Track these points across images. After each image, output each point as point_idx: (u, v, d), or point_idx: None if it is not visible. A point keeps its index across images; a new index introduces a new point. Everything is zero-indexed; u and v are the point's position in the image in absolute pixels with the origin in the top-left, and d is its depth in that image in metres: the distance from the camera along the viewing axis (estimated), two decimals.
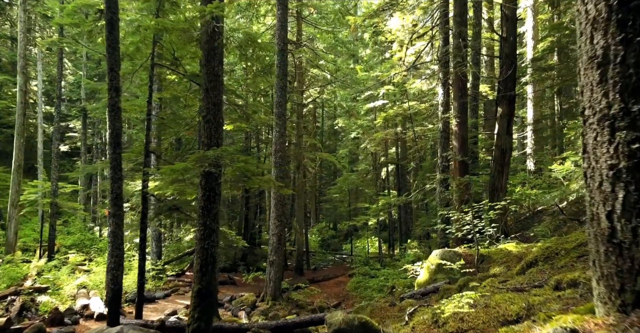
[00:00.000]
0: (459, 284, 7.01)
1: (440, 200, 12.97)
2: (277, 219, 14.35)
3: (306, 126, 29.05)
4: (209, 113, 7.04)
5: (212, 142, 6.93)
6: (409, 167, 24.94)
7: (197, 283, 6.69)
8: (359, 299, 16.06)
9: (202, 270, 6.75)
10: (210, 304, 6.72)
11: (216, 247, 6.94)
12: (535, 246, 8.11)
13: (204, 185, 6.92)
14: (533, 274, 4.97)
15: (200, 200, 6.95)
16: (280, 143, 14.52)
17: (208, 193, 6.92)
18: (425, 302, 7.31)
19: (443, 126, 13.45)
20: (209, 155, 6.42)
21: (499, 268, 7.46)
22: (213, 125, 7.04)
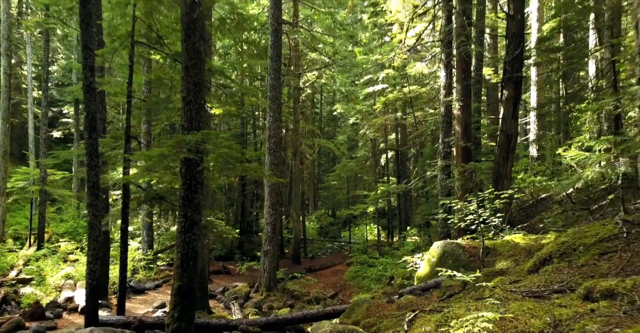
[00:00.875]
0: (463, 280, 6.45)
1: (442, 188, 12.38)
2: (271, 208, 13.79)
3: (304, 111, 28.33)
4: (189, 94, 6.39)
5: (192, 126, 6.30)
6: (409, 154, 24.32)
7: (177, 279, 6.13)
8: (357, 289, 15.61)
9: (183, 266, 6.18)
10: (192, 302, 6.17)
11: (198, 240, 6.36)
12: (545, 238, 7.55)
13: (185, 173, 6.31)
14: (549, 274, 4.40)
15: (180, 189, 6.34)
16: (275, 128, 13.88)
17: (189, 181, 6.31)
18: (426, 298, 6.78)
19: (445, 110, 12.79)
20: (188, 140, 5.79)
21: (506, 263, 6.90)
22: (194, 107, 6.40)
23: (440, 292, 6.70)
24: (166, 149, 5.86)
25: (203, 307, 10.74)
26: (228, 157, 6.29)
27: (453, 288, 6.50)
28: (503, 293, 3.88)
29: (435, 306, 5.07)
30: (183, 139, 5.84)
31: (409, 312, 4.81)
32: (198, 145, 5.96)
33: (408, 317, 4.46)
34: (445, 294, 6.46)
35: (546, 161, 23.56)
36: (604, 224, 5.13)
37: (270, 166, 13.80)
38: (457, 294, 6.25)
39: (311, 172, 35.08)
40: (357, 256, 19.52)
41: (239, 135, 25.94)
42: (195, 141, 5.96)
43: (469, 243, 8.11)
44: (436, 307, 5.01)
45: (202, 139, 6.04)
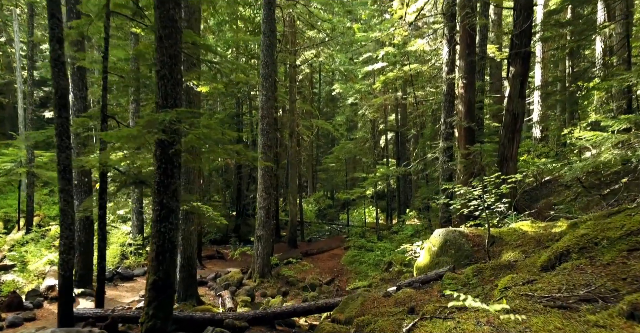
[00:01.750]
0: (467, 274, 5.88)
1: (443, 171, 11.76)
2: (264, 191, 13.20)
3: (301, 91, 27.50)
4: (164, 67, 5.70)
5: (168, 103, 5.63)
6: (409, 135, 23.62)
7: (153, 273, 5.56)
8: (354, 275, 15.15)
9: (159, 259, 5.61)
10: (169, 298, 5.62)
11: (176, 230, 5.77)
12: (555, 226, 6.96)
13: (160, 156, 5.67)
14: (569, 273, 3.81)
15: (155, 173, 5.72)
16: (268, 108, 13.17)
17: (164, 165, 5.69)
18: (426, 292, 6.22)
19: (447, 88, 12.06)
20: (161, 119, 5.14)
21: (514, 254, 6.32)
22: (169, 82, 5.72)
23: (442, 285, 6.14)
24: (135, 130, 5.20)
25: (192, 296, 10.26)
26: (206, 139, 5.64)
27: (456, 281, 5.94)
28: (518, 300, 3.29)
29: (436, 306, 4.50)
30: (155, 118, 5.18)
31: (408, 320, 4.23)
32: (172, 125, 5.30)
33: (406, 326, 3.88)
34: (445, 287, 5.90)
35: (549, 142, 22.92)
36: (630, 214, 4.52)
37: (264, 148, 13.16)
38: (460, 290, 5.70)
39: (309, 154, 34.40)
40: (355, 240, 19.04)
41: (234, 115, 25.19)
42: (170, 120, 5.30)
43: (473, 231, 7.53)
44: (438, 307, 4.44)
45: (177, 117, 5.38)
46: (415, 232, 16.75)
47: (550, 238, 6.20)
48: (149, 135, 5.28)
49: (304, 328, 7.60)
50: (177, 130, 5.32)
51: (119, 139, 5.23)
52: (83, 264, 10.94)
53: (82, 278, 10.85)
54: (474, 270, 5.78)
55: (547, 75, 22.31)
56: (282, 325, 7.40)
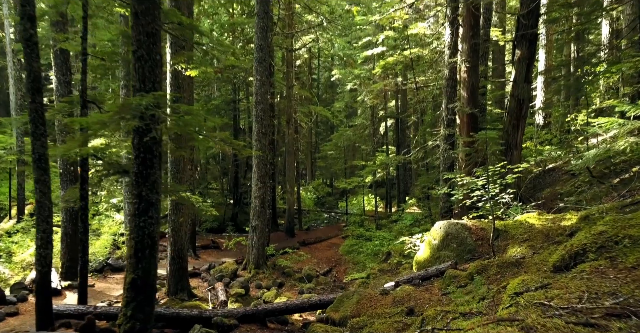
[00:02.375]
0: (470, 271, 5.47)
1: (444, 159, 11.30)
2: (259, 180, 12.75)
3: (299, 77, 26.87)
4: (141, 47, 5.19)
5: (146, 87, 5.14)
6: (409, 121, 23.07)
7: (131, 272, 5.14)
8: (352, 265, 14.81)
9: (137, 256, 5.18)
10: (149, 298, 5.21)
11: (156, 224, 5.33)
12: (564, 218, 6.52)
13: (138, 144, 5.20)
14: (588, 276, 3.38)
15: (133, 164, 5.26)
16: (262, 93, 12.65)
17: (143, 154, 5.21)
18: (427, 290, 5.81)
19: (449, 73, 11.53)
20: (135, 104, 4.65)
21: (520, 249, 5.90)
22: (147, 63, 5.21)
23: (444, 282, 5.73)
24: (106, 116, 4.72)
25: (183, 289, 9.89)
26: (187, 126, 5.16)
27: (458, 279, 5.53)
28: (533, 311, 2.87)
29: (438, 311, 4.08)
30: (129, 103, 4.70)
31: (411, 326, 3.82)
32: (149, 110, 4.82)
33: None
34: (448, 286, 5.50)
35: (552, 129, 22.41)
36: None
37: (258, 135, 12.67)
38: (464, 287, 5.29)
39: (308, 141, 33.87)
40: (354, 229, 18.68)
41: (230, 101, 24.62)
42: (146, 106, 4.81)
43: (476, 224, 7.10)
44: (439, 312, 4.02)
45: (154, 102, 4.89)
46: (415, 221, 16.37)
47: (560, 233, 5.77)
48: (123, 122, 4.81)
49: (297, 325, 7.23)
50: (154, 117, 4.85)
51: (89, 126, 4.77)
52: (70, 256, 10.55)
53: (69, 271, 10.48)
54: (478, 268, 5.36)
55: (551, 59, 21.69)
56: (274, 322, 7.02)
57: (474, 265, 5.51)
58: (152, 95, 4.78)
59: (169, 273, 9.89)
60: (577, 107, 19.43)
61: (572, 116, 17.64)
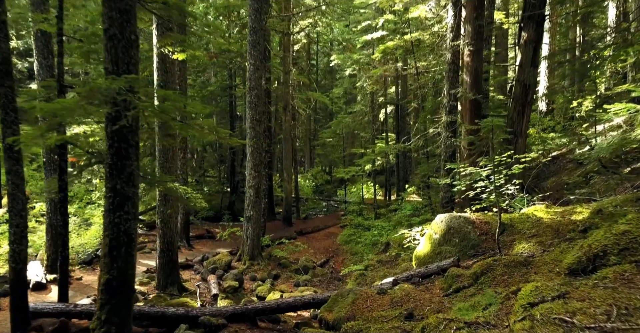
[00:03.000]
0: (475, 271, 5.05)
1: (445, 147, 10.83)
2: (254, 169, 12.31)
3: (297, 62, 26.25)
4: (113, 25, 4.69)
5: (119, 69, 4.66)
6: (410, 108, 22.52)
7: (106, 272, 4.72)
8: (350, 256, 14.45)
9: (112, 254, 4.75)
10: (126, 300, 4.80)
11: (133, 220, 4.90)
12: (574, 211, 6.08)
13: (112, 133, 4.74)
14: (612, 284, 2.96)
15: (107, 154, 4.80)
16: (256, 78, 12.11)
17: (117, 144, 4.76)
18: (427, 290, 5.40)
19: (452, 57, 10.98)
20: (104, 88, 4.18)
21: (528, 245, 5.48)
22: (120, 43, 4.72)
23: (445, 282, 5.32)
24: (72, 101, 4.24)
25: (173, 283, 9.52)
26: (163, 112, 4.68)
27: (461, 279, 5.12)
28: (553, 330, 2.45)
29: (440, 319, 3.67)
30: (98, 87, 4.22)
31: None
32: (120, 95, 4.35)
33: None
34: (451, 287, 5.09)
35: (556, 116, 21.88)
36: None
37: (252, 122, 12.18)
38: (467, 288, 4.88)
39: (307, 128, 33.29)
40: (352, 218, 18.29)
41: (226, 87, 24.03)
42: (118, 90, 4.34)
43: (480, 217, 6.67)
44: (442, 320, 3.61)
45: (128, 86, 4.41)
46: (415, 210, 15.96)
47: (572, 228, 5.34)
48: (91, 108, 4.33)
49: (290, 324, 6.86)
50: (126, 102, 4.37)
51: (54, 112, 4.31)
52: (56, 248, 10.13)
53: (55, 263, 10.05)
54: (483, 267, 4.94)
55: (555, 44, 21.08)
56: (265, 321, 6.64)
57: (479, 263, 5.10)
58: (124, 78, 4.29)
59: (158, 266, 9.52)
60: (582, 93, 18.90)
61: (577, 102, 17.13)
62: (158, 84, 9.16)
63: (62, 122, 4.98)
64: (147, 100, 4.38)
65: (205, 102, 26.05)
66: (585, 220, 5.40)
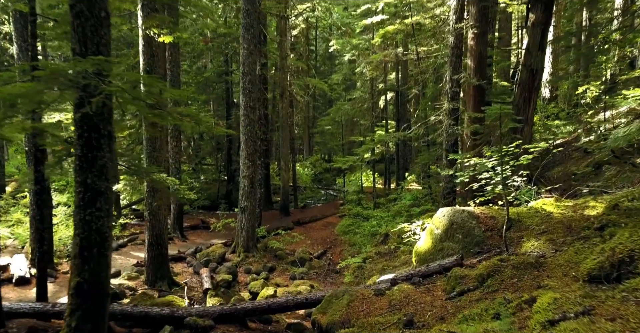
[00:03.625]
0: (480, 272, 4.63)
1: (447, 135, 10.34)
2: (248, 159, 11.85)
3: (295, 47, 25.58)
4: (80, 0, 4.20)
5: (88, 50, 4.18)
6: (410, 94, 21.95)
7: (76, 274, 4.31)
8: (348, 247, 14.09)
9: (83, 255, 4.33)
10: (100, 305, 4.40)
11: (108, 217, 4.47)
12: (587, 205, 5.64)
13: (81, 121, 4.28)
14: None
15: (76, 145, 4.35)
16: (250, 63, 11.59)
17: (87, 134, 4.30)
18: (428, 291, 5.00)
19: (455, 40, 10.42)
20: (67, 71, 3.71)
21: (538, 243, 5.06)
22: (88, 21, 4.23)
23: (448, 283, 4.91)
24: (30, 85, 3.77)
25: (163, 277, 9.15)
26: (135, 99, 4.21)
27: (466, 281, 4.71)
28: None
29: (444, 331, 3.26)
30: (60, 69, 3.75)
31: None
32: (86, 78, 3.87)
33: None
34: (454, 289, 4.69)
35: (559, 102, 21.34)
36: None
37: (246, 109, 11.69)
38: (472, 292, 4.48)
39: (306, 115, 32.72)
40: (351, 207, 17.90)
41: (221, 73, 23.42)
42: (83, 74, 3.86)
43: (484, 211, 6.24)
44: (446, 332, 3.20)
45: (95, 69, 3.94)
46: (415, 200, 15.55)
47: (586, 225, 4.91)
48: (53, 94, 3.87)
49: (282, 324, 6.49)
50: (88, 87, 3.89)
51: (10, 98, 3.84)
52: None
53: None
54: (490, 268, 4.53)
55: (560, 28, 20.41)
56: (256, 322, 6.27)
57: (485, 264, 4.68)
58: (90, 60, 3.81)
59: (147, 260, 9.13)
60: (588, 78, 18.34)
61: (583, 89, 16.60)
62: (144, 69, 8.66)
63: (31, 109, 4.49)
64: (116, 85, 3.90)
65: (201, 89, 25.49)
66: (600, 216, 4.98)
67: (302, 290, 9.11)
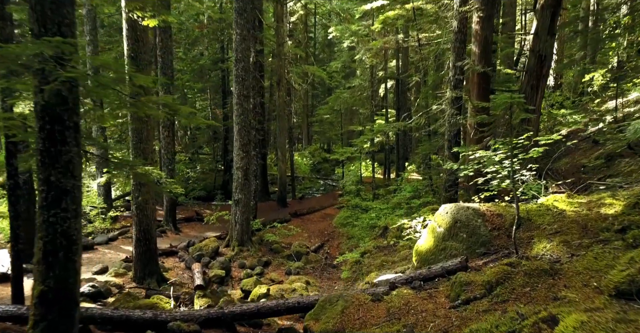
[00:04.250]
0: (488, 279, 4.20)
1: (450, 126, 9.85)
2: (241, 149, 11.38)
3: (293, 34, 24.95)
4: None
5: (47, 31, 3.69)
6: (411, 82, 21.37)
7: (40, 282, 3.87)
8: (346, 240, 13.70)
9: (48, 261, 3.89)
10: (67, 316, 3.97)
11: (75, 219, 4.02)
12: (602, 203, 5.18)
13: (42, 112, 3.81)
14: None
15: (37, 139, 3.88)
16: (243, 49, 11.05)
17: (50, 126, 3.83)
18: (430, 297, 4.58)
19: (459, 25, 9.86)
20: (16, 55, 3.23)
21: (551, 246, 4.62)
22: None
23: (452, 289, 4.49)
24: None
25: (152, 274, 8.75)
26: (99, 86, 3.73)
27: (471, 288, 4.28)
28: None
29: None
30: (11, 52, 3.26)
31: None
32: (43, 63, 3.39)
33: None
34: (459, 297, 4.26)
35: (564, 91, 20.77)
36: None
37: (239, 97, 11.18)
38: (479, 300, 4.05)
39: (305, 104, 32.13)
40: (350, 199, 17.48)
41: (217, 60, 22.81)
42: (41, 57, 3.38)
43: (490, 208, 5.79)
44: None
45: (56, 51, 3.45)
46: (415, 192, 15.12)
47: (605, 226, 4.47)
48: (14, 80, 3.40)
49: (274, 328, 6.09)
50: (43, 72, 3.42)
51: None
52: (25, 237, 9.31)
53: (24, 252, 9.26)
54: (499, 275, 4.10)
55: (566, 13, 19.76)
56: (245, 326, 5.88)
57: (493, 270, 4.24)
58: (45, 42, 3.32)
59: (134, 256, 8.73)
60: (594, 66, 17.77)
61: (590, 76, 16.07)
62: (128, 55, 8.15)
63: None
64: (76, 70, 3.42)
65: (197, 77, 24.90)
66: (619, 216, 4.53)
67: (297, 287, 8.73)
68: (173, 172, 13.59)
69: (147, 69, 8.44)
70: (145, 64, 8.29)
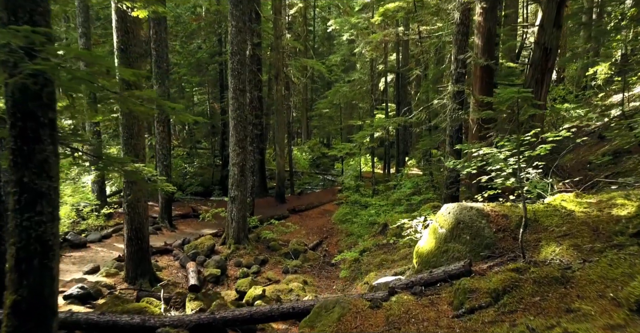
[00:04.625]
0: (494, 287, 3.93)
1: (451, 121, 9.56)
2: (237, 145, 11.10)
3: (292, 27, 24.55)
4: None
5: (18, 20, 3.40)
6: (411, 76, 21.02)
7: (13, 291, 3.61)
8: (345, 237, 13.44)
9: (20, 268, 3.63)
10: (43, 327, 3.71)
11: (52, 222, 3.76)
12: (614, 203, 4.90)
13: (14, 108, 3.53)
14: None
15: (9, 137, 3.60)
16: (239, 42, 10.72)
17: (22, 123, 3.56)
18: (432, 304, 4.32)
19: (461, 16, 9.55)
20: None
21: (559, 249, 4.35)
22: None
23: (455, 297, 4.23)
24: None
25: (144, 274, 8.51)
26: (73, 79, 3.45)
27: (476, 295, 4.01)
28: None
29: None
30: None
31: None
32: (11, 54, 3.10)
33: None
34: (463, 305, 4.00)
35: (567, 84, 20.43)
36: None
37: (235, 91, 10.88)
38: (485, 310, 3.78)
39: (304, 98, 31.75)
40: (349, 194, 17.22)
41: (214, 54, 22.45)
42: (8, 47, 3.09)
43: (495, 209, 5.51)
44: None
45: (26, 42, 3.16)
46: (416, 187, 14.86)
47: (618, 229, 4.20)
48: None
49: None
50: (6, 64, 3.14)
51: None
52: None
53: None
54: (506, 283, 3.83)
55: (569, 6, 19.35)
56: (238, 331, 5.63)
57: (500, 277, 3.97)
58: (12, 31, 3.03)
59: (126, 256, 8.48)
60: (597, 59, 17.43)
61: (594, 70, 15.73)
62: (118, 47, 7.85)
63: None
64: (46, 62, 3.13)
65: (194, 70, 24.53)
66: (633, 218, 4.26)
67: (294, 287, 8.50)
68: (169, 168, 13.30)
69: (138, 62, 8.12)
70: (135, 57, 7.98)
